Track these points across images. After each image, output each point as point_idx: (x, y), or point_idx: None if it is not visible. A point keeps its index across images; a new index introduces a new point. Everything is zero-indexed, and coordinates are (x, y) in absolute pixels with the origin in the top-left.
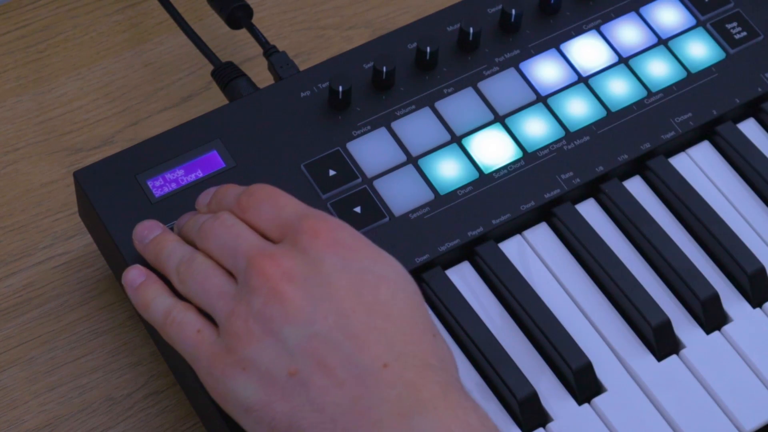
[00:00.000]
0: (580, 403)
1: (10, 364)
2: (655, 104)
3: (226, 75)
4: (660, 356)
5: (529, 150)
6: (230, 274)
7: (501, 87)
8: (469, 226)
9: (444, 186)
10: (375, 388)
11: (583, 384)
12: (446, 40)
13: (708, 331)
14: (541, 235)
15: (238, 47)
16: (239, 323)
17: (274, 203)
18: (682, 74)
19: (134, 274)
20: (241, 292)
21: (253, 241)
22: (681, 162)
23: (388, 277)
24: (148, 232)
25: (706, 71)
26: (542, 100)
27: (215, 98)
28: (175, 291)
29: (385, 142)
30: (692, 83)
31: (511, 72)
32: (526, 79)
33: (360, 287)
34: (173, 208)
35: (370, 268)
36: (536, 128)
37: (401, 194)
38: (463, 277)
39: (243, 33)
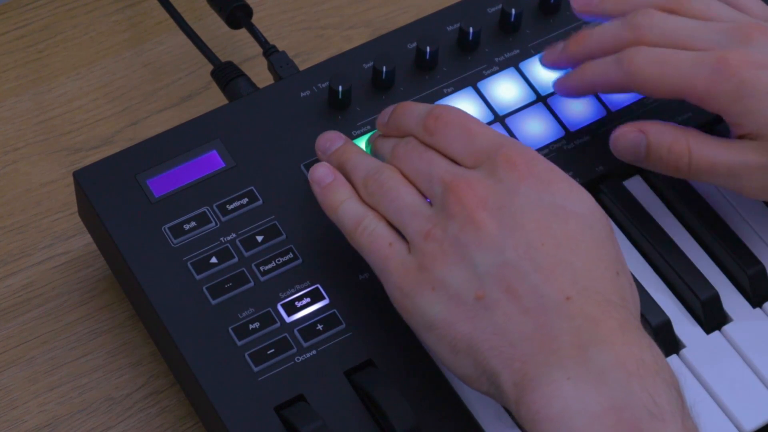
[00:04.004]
0: None
1: (10, 364)
2: (655, 104)
3: (226, 75)
4: None
5: None
6: (420, 192)
7: (501, 87)
8: None
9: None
10: (556, 319)
11: None
12: (446, 40)
13: (708, 331)
14: None
15: (237, 47)
16: (434, 245)
17: (465, 130)
18: None
19: (322, 172)
20: (437, 215)
21: (447, 167)
22: None
23: (579, 213)
24: (330, 144)
25: None
26: (542, 99)
27: (215, 98)
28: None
29: None
30: None
31: (511, 72)
32: (526, 78)
33: (551, 221)
34: (173, 208)
35: (562, 203)
36: (536, 128)
37: None
38: None
39: (243, 33)
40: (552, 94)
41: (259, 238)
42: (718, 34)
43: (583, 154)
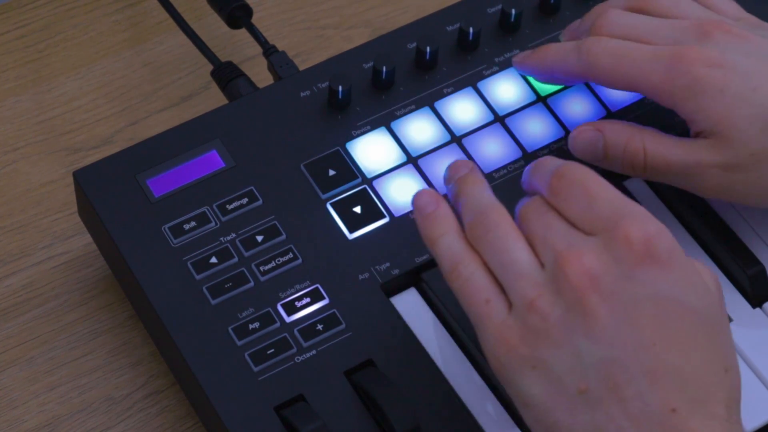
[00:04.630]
0: None
1: (10, 364)
2: (654, 103)
3: (226, 75)
4: None
5: (529, 150)
6: (532, 249)
7: (501, 87)
8: None
9: (444, 186)
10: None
11: None
12: (446, 40)
13: None
14: None
15: (237, 47)
16: (538, 319)
17: (586, 192)
18: None
19: (426, 200)
20: (546, 285)
21: (564, 234)
22: None
23: (695, 308)
24: (454, 172)
25: None
26: (542, 99)
27: (215, 98)
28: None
29: (385, 142)
30: None
31: (511, 72)
32: (527, 78)
33: (665, 318)
34: (173, 208)
35: (679, 296)
36: (536, 128)
37: (401, 194)
38: None
39: (242, 33)
40: (552, 94)
41: (259, 238)
42: (678, 30)
43: None
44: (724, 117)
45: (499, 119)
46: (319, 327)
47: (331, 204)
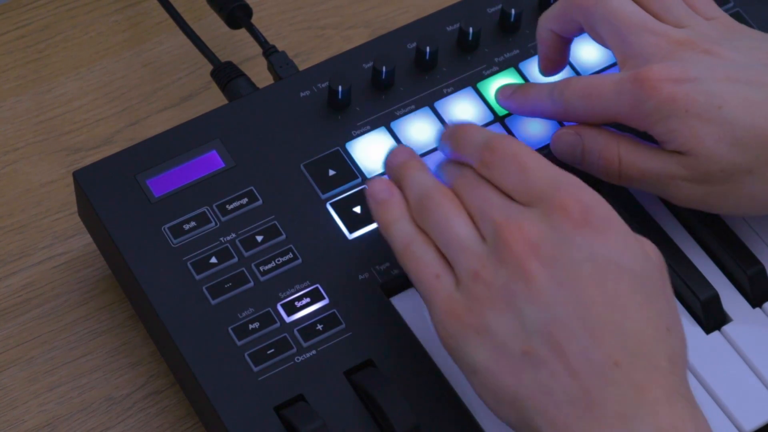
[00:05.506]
0: None
1: (10, 364)
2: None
3: (226, 75)
4: None
5: None
6: (473, 222)
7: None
8: None
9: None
10: (603, 384)
11: None
12: (446, 40)
13: (708, 331)
14: None
15: (237, 47)
16: (482, 288)
17: (520, 165)
18: None
19: (379, 188)
20: (488, 256)
21: (500, 205)
22: None
23: (632, 269)
24: (394, 158)
25: None
26: None
27: (215, 98)
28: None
29: (385, 142)
30: None
31: (510, 72)
32: (526, 78)
33: (603, 278)
34: (173, 208)
35: (616, 259)
36: (536, 128)
37: None
38: None
39: (242, 33)
40: None
41: (259, 238)
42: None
43: None
44: (691, 137)
45: (499, 119)
46: (319, 327)
47: (331, 204)
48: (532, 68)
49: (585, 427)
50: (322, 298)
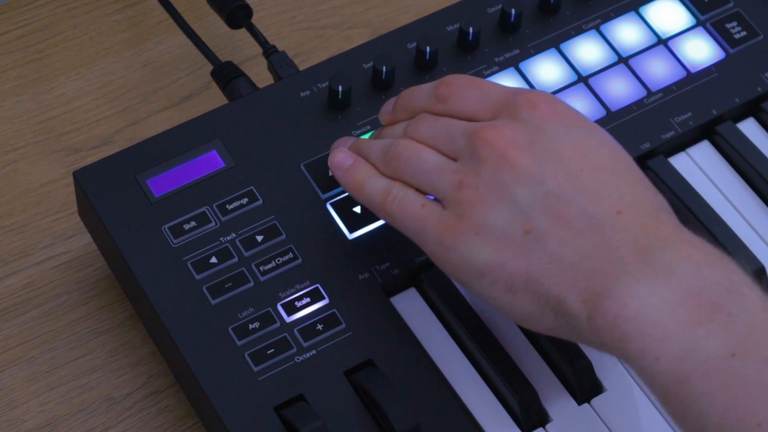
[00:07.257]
0: (579, 403)
1: (10, 364)
2: (654, 104)
3: (226, 75)
4: None
5: None
6: (443, 154)
7: None
8: None
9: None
10: (612, 233)
11: (584, 383)
12: (446, 40)
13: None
14: None
15: (237, 47)
16: (470, 192)
17: (477, 87)
18: (682, 74)
19: (342, 157)
20: (466, 165)
21: (466, 124)
22: (681, 162)
23: (609, 143)
24: (341, 143)
25: (706, 71)
26: None
27: (215, 98)
28: None
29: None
30: (692, 83)
31: (510, 72)
32: (526, 78)
33: (584, 149)
34: (173, 208)
35: (589, 135)
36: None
37: None
38: None
39: (242, 33)
40: (552, 93)
41: (259, 238)
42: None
43: None
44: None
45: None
46: (319, 327)
47: (331, 204)
48: (533, 68)
49: (607, 273)
50: (322, 298)
